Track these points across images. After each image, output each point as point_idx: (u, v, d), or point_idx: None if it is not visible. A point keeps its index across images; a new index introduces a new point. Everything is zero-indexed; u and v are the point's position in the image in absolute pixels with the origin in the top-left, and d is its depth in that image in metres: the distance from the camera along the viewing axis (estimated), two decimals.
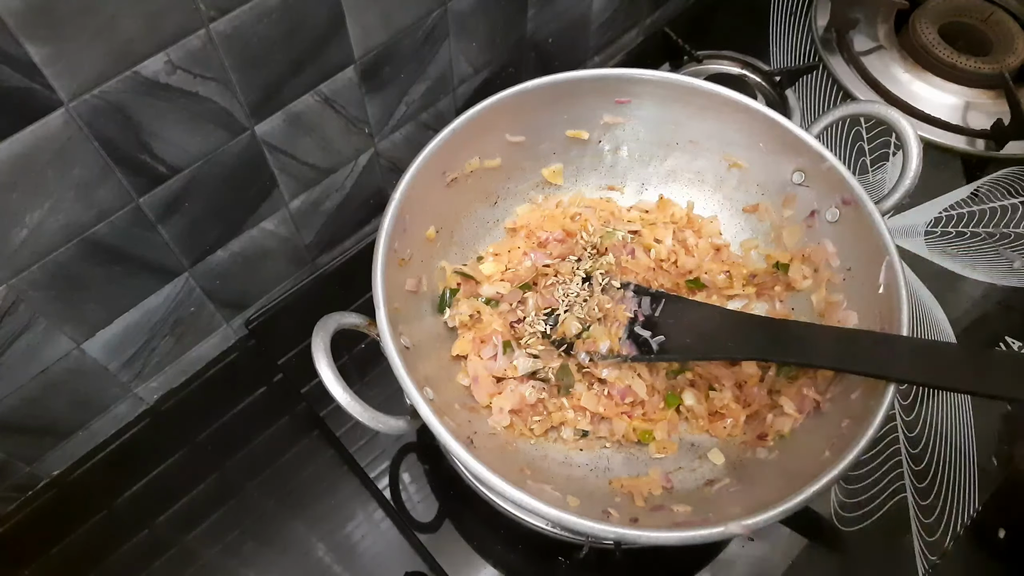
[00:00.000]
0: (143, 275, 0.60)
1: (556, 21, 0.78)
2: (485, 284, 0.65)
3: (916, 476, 0.66)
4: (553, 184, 0.70)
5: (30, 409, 0.60)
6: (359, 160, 0.70)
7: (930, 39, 0.89)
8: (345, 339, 0.54)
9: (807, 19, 0.97)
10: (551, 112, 0.65)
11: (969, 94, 0.87)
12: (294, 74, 0.57)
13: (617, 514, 0.50)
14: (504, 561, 0.62)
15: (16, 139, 0.44)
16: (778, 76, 0.88)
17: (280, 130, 0.60)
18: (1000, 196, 0.83)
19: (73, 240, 0.52)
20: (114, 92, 0.47)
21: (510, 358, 0.62)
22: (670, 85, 0.64)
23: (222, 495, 0.66)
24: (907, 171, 0.60)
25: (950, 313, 0.75)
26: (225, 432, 0.69)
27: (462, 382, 0.62)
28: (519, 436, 0.60)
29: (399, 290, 0.58)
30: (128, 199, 0.53)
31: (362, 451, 0.67)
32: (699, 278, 0.66)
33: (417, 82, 0.68)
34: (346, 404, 0.49)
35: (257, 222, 0.65)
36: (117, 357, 0.63)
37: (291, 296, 0.75)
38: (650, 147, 0.69)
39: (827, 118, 0.63)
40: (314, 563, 0.64)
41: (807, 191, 0.63)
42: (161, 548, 0.64)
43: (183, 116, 0.52)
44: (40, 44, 0.41)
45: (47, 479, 0.66)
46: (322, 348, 0.50)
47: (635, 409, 0.61)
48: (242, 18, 0.50)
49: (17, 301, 0.52)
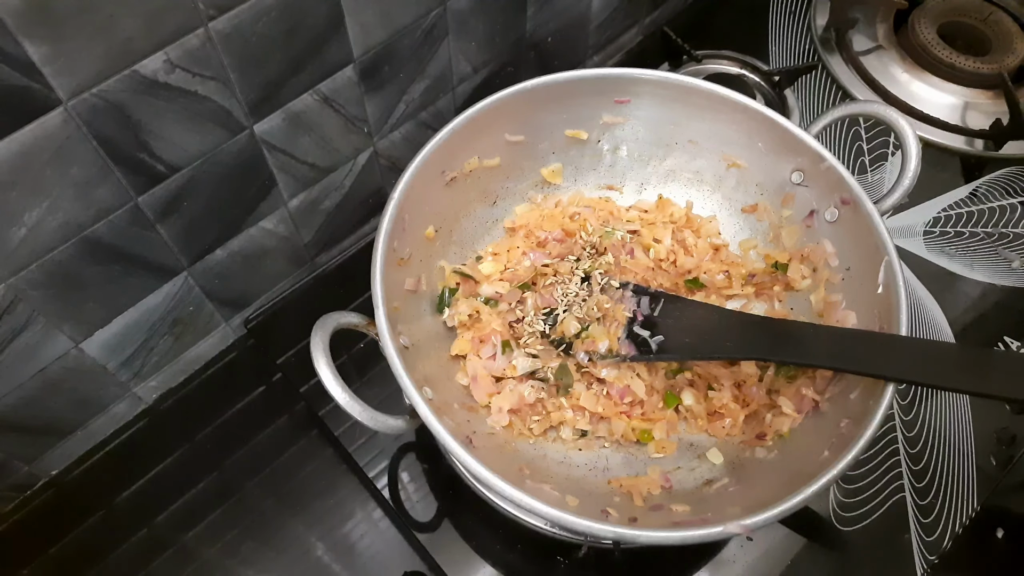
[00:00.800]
0: (142, 274, 0.60)
1: (555, 20, 0.78)
2: (484, 284, 0.65)
3: (915, 476, 0.67)
4: (552, 184, 0.70)
5: (29, 408, 0.59)
6: (358, 159, 0.70)
7: (929, 39, 0.89)
8: (344, 338, 0.54)
9: (806, 19, 0.97)
10: (550, 112, 0.66)
11: (968, 94, 0.87)
12: (293, 73, 0.57)
13: (616, 513, 0.50)
14: (503, 561, 0.62)
15: (14, 138, 0.44)
16: (777, 76, 0.88)
17: (279, 129, 0.60)
18: (999, 196, 0.83)
19: (72, 239, 0.52)
20: (113, 91, 0.47)
21: (509, 358, 0.62)
22: (669, 85, 0.64)
23: (221, 494, 0.66)
24: (906, 171, 0.60)
25: (949, 313, 0.75)
26: (224, 431, 0.69)
27: (461, 382, 0.62)
28: (518, 436, 0.60)
29: (398, 289, 0.58)
30: (127, 198, 0.53)
31: (361, 450, 0.67)
32: (698, 278, 0.66)
33: (416, 81, 0.68)
34: (345, 403, 0.49)
35: (256, 221, 0.65)
36: (116, 356, 0.63)
37: (290, 295, 0.75)
38: (649, 147, 0.69)
39: (826, 118, 0.63)
40: (313, 562, 0.64)
41: (806, 191, 0.63)
42: (160, 547, 0.64)
43: (182, 115, 0.52)
44: (39, 43, 0.41)
45: (46, 478, 0.66)
46: (321, 347, 0.50)
47: (634, 409, 0.61)
48: (241, 17, 0.50)
49: (16, 300, 0.52)
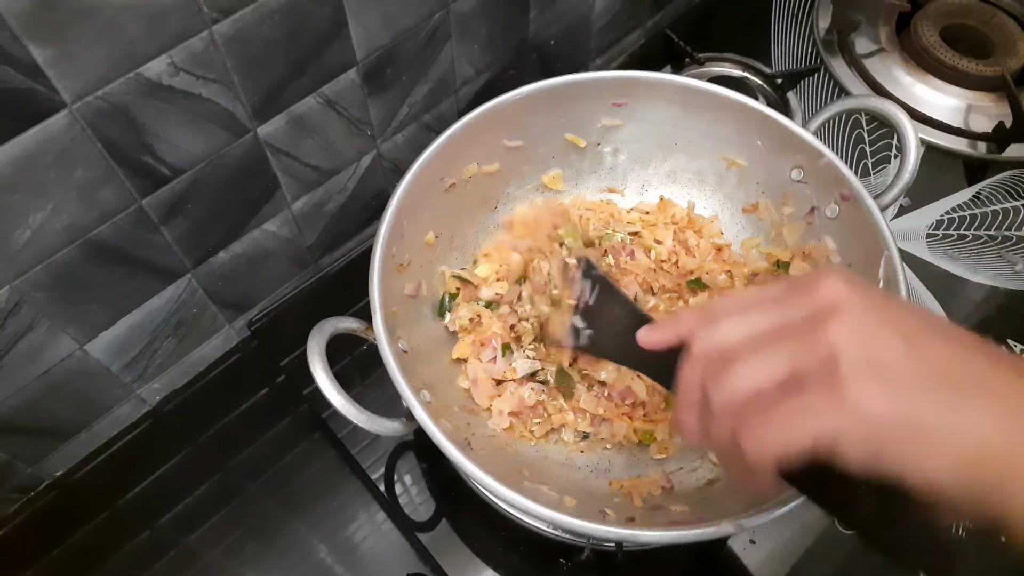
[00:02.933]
0: (146, 276, 0.60)
1: (558, 23, 0.79)
2: (483, 287, 0.65)
3: None
4: (553, 189, 0.70)
5: (32, 410, 0.60)
6: (361, 162, 0.70)
7: (931, 41, 0.89)
8: (347, 341, 0.54)
9: (808, 21, 0.97)
10: (549, 116, 0.66)
11: (971, 96, 0.87)
12: (296, 76, 0.57)
13: (614, 514, 0.50)
14: (505, 563, 0.62)
15: (19, 141, 0.44)
16: (780, 78, 0.88)
17: (282, 132, 0.60)
18: (1002, 199, 0.83)
19: (76, 241, 0.52)
20: (117, 94, 0.47)
21: (509, 360, 0.62)
22: (665, 86, 0.65)
23: (224, 496, 0.66)
24: (905, 164, 0.60)
25: (952, 316, 0.75)
26: (227, 433, 0.69)
27: (463, 385, 0.62)
28: (519, 438, 0.60)
29: (397, 294, 0.58)
30: (131, 200, 0.53)
31: (364, 453, 0.67)
32: (700, 278, 0.66)
33: (419, 84, 0.68)
34: (341, 407, 0.49)
35: (259, 224, 0.66)
36: (120, 358, 0.63)
37: (293, 298, 0.75)
38: (649, 148, 0.69)
39: (824, 114, 0.63)
40: (315, 564, 0.64)
41: (806, 188, 0.63)
42: (163, 549, 0.64)
43: (186, 118, 0.52)
44: (43, 46, 0.41)
45: (49, 480, 0.66)
46: (317, 352, 0.50)
47: (636, 410, 0.61)
48: (244, 20, 0.50)
49: (20, 302, 0.52)
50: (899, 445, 0.31)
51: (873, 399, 0.32)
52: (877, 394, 0.32)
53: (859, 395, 0.32)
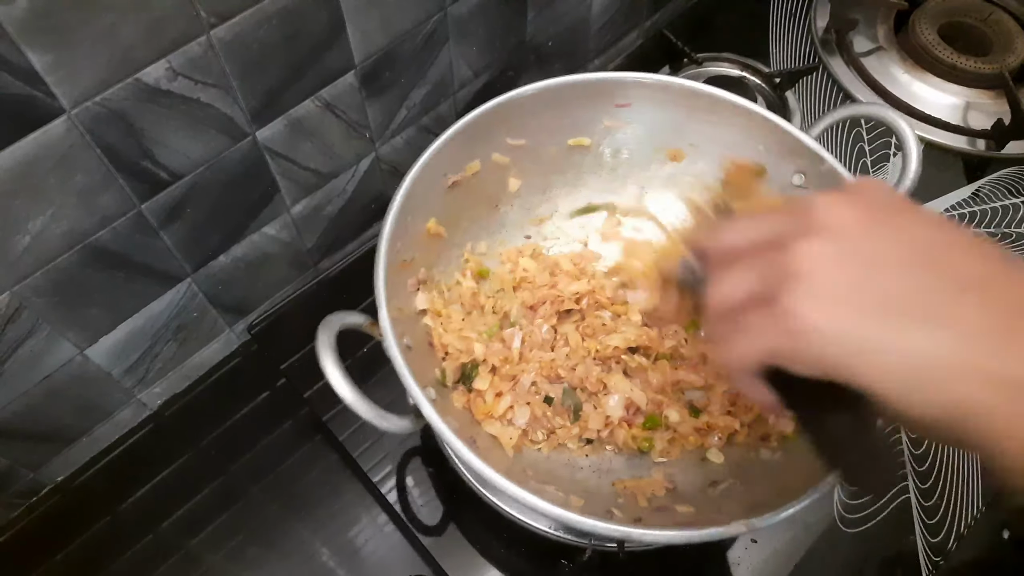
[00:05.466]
0: (146, 281, 0.60)
1: (555, 24, 0.79)
2: (493, 412, 0.61)
3: (919, 477, 0.66)
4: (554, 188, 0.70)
5: (33, 415, 0.60)
6: (360, 165, 0.70)
7: (930, 39, 0.89)
8: (347, 345, 0.53)
9: (807, 21, 0.97)
10: (550, 116, 0.65)
11: (969, 94, 0.87)
12: (295, 80, 0.57)
13: (620, 514, 0.50)
14: (508, 564, 0.62)
15: (18, 147, 0.44)
16: (778, 78, 0.88)
17: (281, 135, 0.60)
18: (1001, 196, 0.83)
19: (75, 247, 0.52)
20: (116, 99, 0.47)
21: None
22: (671, 88, 0.64)
23: (225, 500, 0.66)
24: (907, 172, 0.60)
25: None
26: (228, 437, 0.69)
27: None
28: (524, 445, 0.60)
29: (402, 291, 0.58)
30: (130, 205, 0.53)
31: (365, 455, 0.67)
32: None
33: (417, 86, 0.68)
34: (352, 402, 0.48)
35: (259, 227, 0.66)
36: (120, 363, 0.63)
37: (293, 301, 0.75)
38: (650, 150, 0.69)
39: (826, 120, 0.63)
40: (317, 567, 0.64)
41: (807, 193, 0.63)
42: (165, 553, 0.64)
43: (184, 122, 0.52)
44: (42, 52, 0.42)
45: (51, 485, 0.66)
46: (327, 346, 0.49)
47: (635, 418, 0.60)
48: (242, 24, 0.50)
49: (20, 308, 0.52)
50: (840, 359, 0.33)
51: (805, 316, 0.33)
52: (810, 311, 0.33)
53: (793, 314, 0.33)
